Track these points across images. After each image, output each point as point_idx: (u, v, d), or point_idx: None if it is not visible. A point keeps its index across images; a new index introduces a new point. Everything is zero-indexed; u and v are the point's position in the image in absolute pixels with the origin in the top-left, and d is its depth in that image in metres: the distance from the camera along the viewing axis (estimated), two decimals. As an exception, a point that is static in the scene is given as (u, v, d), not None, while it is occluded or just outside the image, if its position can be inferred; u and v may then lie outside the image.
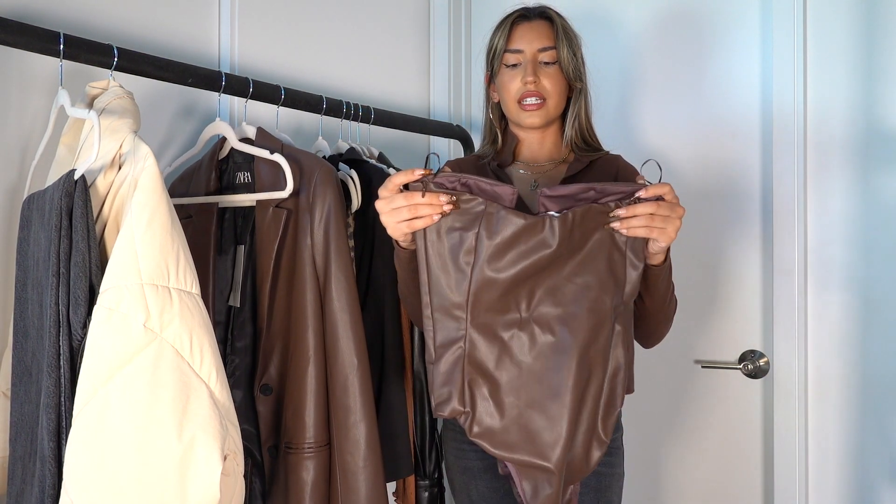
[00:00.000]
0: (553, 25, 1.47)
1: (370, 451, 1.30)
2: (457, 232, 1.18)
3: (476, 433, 1.20)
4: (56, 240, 1.02)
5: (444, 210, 1.16)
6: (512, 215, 1.17)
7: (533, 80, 1.43)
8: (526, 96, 1.44)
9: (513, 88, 1.46)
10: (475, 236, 1.18)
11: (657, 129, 1.99)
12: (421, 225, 1.17)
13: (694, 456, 1.95)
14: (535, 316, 1.20)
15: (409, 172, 1.16)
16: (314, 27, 1.78)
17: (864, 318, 1.74)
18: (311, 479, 1.29)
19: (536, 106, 1.45)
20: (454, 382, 1.21)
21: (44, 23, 1.18)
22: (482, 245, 1.18)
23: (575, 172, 1.48)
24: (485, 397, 1.21)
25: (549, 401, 1.19)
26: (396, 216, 1.17)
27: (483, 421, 1.20)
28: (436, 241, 1.19)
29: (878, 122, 1.73)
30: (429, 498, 1.62)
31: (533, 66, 1.44)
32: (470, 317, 1.20)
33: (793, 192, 1.77)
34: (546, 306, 1.20)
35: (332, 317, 1.32)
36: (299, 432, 1.30)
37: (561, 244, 1.17)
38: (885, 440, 1.72)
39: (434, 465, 1.63)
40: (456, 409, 1.21)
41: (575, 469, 1.22)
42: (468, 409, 1.21)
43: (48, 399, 1.00)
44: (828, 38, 1.77)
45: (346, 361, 1.31)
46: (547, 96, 1.45)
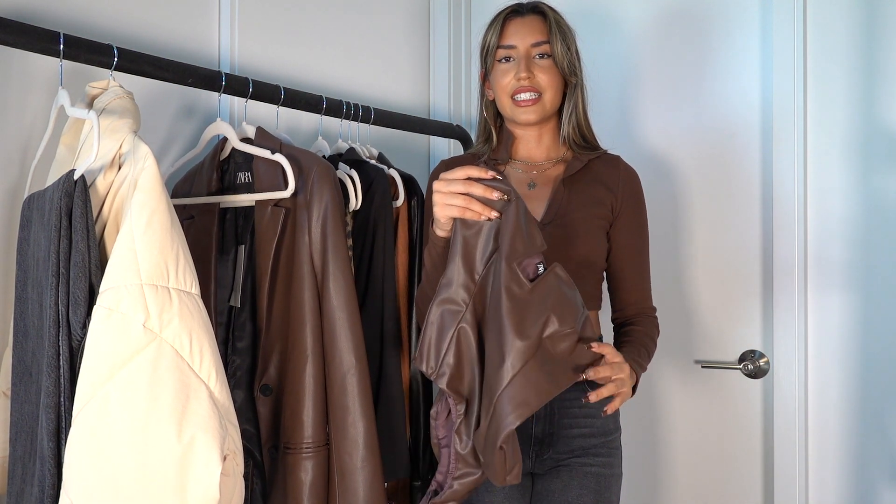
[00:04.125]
0: (546, 20, 1.46)
1: (368, 450, 1.30)
2: (486, 239, 1.22)
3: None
4: (56, 240, 1.02)
5: (490, 216, 1.19)
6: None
7: (527, 75, 1.42)
8: (519, 91, 1.43)
9: (506, 84, 1.45)
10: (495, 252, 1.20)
11: (657, 129, 1.99)
12: (469, 216, 1.19)
13: (694, 456, 1.95)
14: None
15: (483, 171, 1.19)
16: (314, 27, 1.78)
17: (864, 318, 1.74)
18: (309, 479, 1.29)
19: (531, 101, 1.43)
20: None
21: (44, 23, 1.18)
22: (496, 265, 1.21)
23: (573, 172, 1.47)
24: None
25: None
26: (450, 199, 1.19)
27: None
28: (470, 237, 1.22)
29: (878, 122, 1.73)
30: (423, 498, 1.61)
31: (526, 61, 1.43)
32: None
33: (793, 192, 1.77)
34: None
35: (330, 315, 1.32)
36: (297, 432, 1.30)
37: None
38: (885, 440, 1.72)
39: (428, 465, 1.63)
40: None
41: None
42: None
43: (48, 399, 1.00)
44: (828, 38, 1.77)
45: (345, 360, 1.31)
46: (542, 91, 1.44)
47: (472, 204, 1.18)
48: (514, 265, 1.19)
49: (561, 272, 1.22)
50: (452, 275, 1.23)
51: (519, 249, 1.19)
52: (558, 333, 1.19)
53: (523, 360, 1.16)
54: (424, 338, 1.25)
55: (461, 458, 1.26)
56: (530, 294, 1.18)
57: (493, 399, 1.17)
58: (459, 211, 1.19)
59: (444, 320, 1.24)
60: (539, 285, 1.19)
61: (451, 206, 1.19)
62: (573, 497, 1.39)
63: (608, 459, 1.43)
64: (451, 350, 1.23)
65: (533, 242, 1.21)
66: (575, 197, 1.45)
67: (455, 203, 1.18)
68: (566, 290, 1.22)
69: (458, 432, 1.26)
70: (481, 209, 1.18)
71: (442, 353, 1.23)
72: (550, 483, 1.41)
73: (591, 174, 1.48)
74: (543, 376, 1.17)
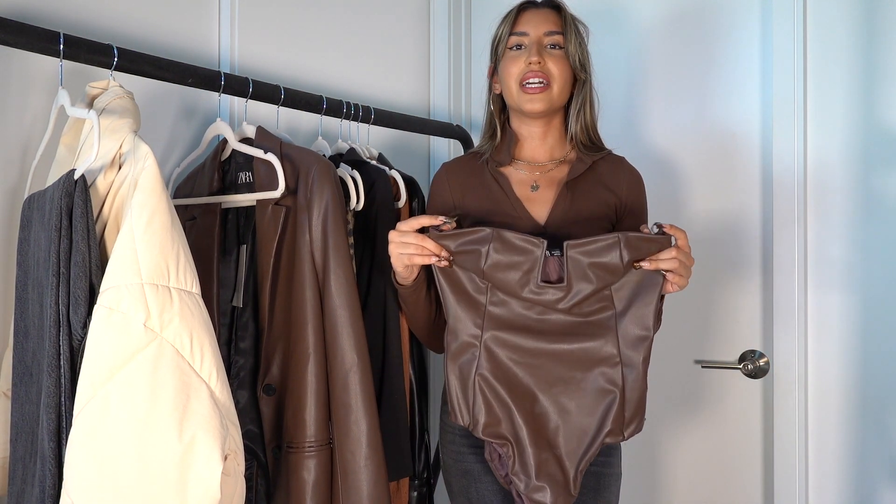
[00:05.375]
0: (561, 13, 1.45)
1: (371, 449, 1.29)
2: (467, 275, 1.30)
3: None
4: (56, 239, 1.02)
5: (441, 258, 1.26)
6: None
7: (538, 59, 1.40)
8: (529, 77, 1.41)
9: (515, 70, 1.42)
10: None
11: (658, 129, 1.99)
12: (419, 261, 1.27)
13: (694, 456, 1.95)
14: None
15: (434, 218, 1.27)
16: (314, 27, 1.78)
17: (864, 318, 1.74)
18: (312, 478, 1.28)
19: (539, 89, 1.41)
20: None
21: (44, 23, 1.18)
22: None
23: (578, 175, 1.45)
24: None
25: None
26: (403, 249, 1.27)
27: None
28: (452, 281, 1.30)
29: (878, 122, 1.73)
30: (417, 498, 1.61)
31: (538, 47, 1.41)
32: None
33: (793, 192, 1.77)
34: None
35: (332, 314, 1.32)
36: (300, 431, 1.29)
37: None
38: (885, 440, 1.72)
39: (423, 464, 1.62)
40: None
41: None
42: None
43: (48, 399, 1.00)
44: (828, 38, 1.77)
45: (347, 358, 1.30)
46: (551, 80, 1.41)
47: (423, 247, 1.26)
48: (535, 286, 1.25)
49: (574, 252, 1.25)
50: (455, 326, 1.30)
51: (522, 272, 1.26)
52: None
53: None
54: (451, 396, 1.30)
55: (530, 499, 1.28)
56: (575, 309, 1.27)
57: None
58: (409, 258, 1.27)
59: (463, 373, 1.29)
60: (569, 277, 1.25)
61: (404, 254, 1.28)
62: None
63: (607, 459, 1.43)
64: (478, 398, 1.27)
65: (530, 247, 1.25)
66: (578, 200, 1.44)
67: (407, 251, 1.27)
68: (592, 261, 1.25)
69: (514, 474, 1.28)
70: (434, 248, 1.26)
71: (470, 404, 1.28)
72: (550, 483, 1.41)
73: (594, 175, 1.47)
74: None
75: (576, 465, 1.27)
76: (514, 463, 1.28)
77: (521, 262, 1.25)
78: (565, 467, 1.27)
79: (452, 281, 1.29)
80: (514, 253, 1.25)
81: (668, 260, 1.25)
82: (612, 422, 1.27)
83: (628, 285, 1.27)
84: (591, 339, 1.27)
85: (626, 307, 1.27)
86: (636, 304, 1.27)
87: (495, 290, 1.28)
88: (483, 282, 1.28)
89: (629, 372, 1.27)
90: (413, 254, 1.26)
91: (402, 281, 1.35)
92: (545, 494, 1.26)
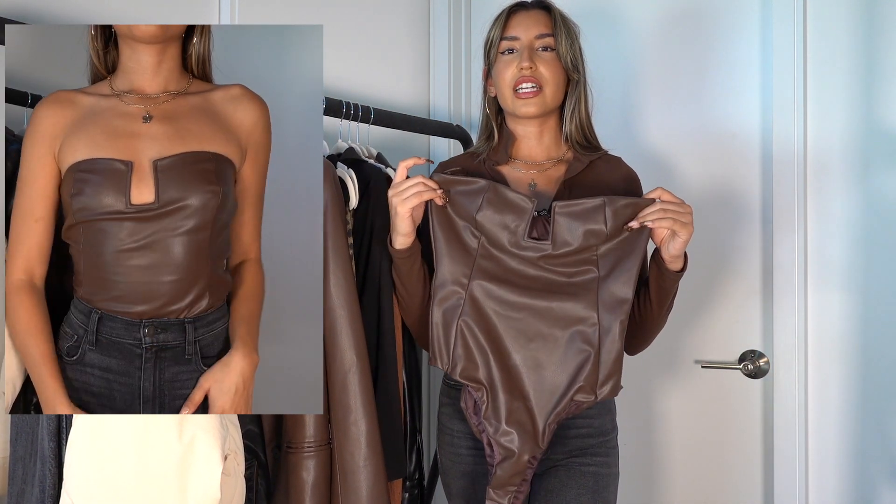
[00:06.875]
0: (551, 15, 1.45)
1: (371, 449, 1.30)
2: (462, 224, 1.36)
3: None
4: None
5: (439, 195, 1.32)
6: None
7: (529, 65, 1.41)
8: (521, 82, 1.42)
9: (507, 75, 1.43)
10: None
11: (657, 129, 1.99)
12: (421, 199, 1.32)
13: (693, 456, 1.95)
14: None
15: (417, 158, 1.35)
16: (314, 27, 1.78)
17: (864, 318, 1.74)
18: (311, 478, 1.28)
19: (532, 93, 1.42)
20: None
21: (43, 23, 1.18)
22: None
23: (575, 173, 1.46)
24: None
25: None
26: (405, 194, 1.31)
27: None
28: (446, 225, 1.36)
29: (878, 122, 1.73)
30: (409, 499, 1.60)
31: (529, 51, 1.42)
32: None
33: (793, 192, 1.77)
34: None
35: (331, 314, 1.31)
36: (299, 431, 1.29)
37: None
38: (885, 440, 1.72)
39: (415, 465, 1.62)
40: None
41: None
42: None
43: (48, 399, 1.00)
44: (828, 38, 1.77)
45: (346, 359, 1.30)
46: (544, 83, 1.42)
47: (422, 184, 1.31)
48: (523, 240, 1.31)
49: (561, 211, 1.32)
50: (444, 275, 1.35)
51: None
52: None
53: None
54: (432, 338, 1.34)
55: (497, 443, 1.31)
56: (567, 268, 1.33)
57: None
58: (417, 197, 1.31)
59: (446, 318, 1.34)
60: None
61: (409, 197, 1.31)
62: (571, 497, 1.39)
63: (605, 459, 1.43)
64: (459, 342, 1.32)
65: (522, 203, 1.32)
66: (577, 198, 1.44)
67: (410, 193, 1.31)
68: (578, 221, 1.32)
69: (486, 418, 1.33)
70: (432, 184, 1.33)
71: (451, 347, 1.32)
72: (548, 483, 1.41)
73: (592, 175, 1.47)
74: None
75: (545, 418, 1.32)
76: (487, 408, 1.33)
77: (512, 217, 1.32)
78: (535, 419, 1.32)
79: (446, 227, 1.35)
80: (506, 207, 1.32)
81: (652, 213, 1.31)
82: (585, 379, 1.31)
83: (614, 252, 1.33)
84: (571, 300, 1.32)
85: (609, 272, 1.33)
86: (619, 268, 1.33)
87: (486, 244, 1.34)
88: (476, 233, 1.34)
89: (605, 334, 1.31)
90: (413, 193, 1.31)
91: (400, 245, 1.36)
92: (513, 439, 1.31)
